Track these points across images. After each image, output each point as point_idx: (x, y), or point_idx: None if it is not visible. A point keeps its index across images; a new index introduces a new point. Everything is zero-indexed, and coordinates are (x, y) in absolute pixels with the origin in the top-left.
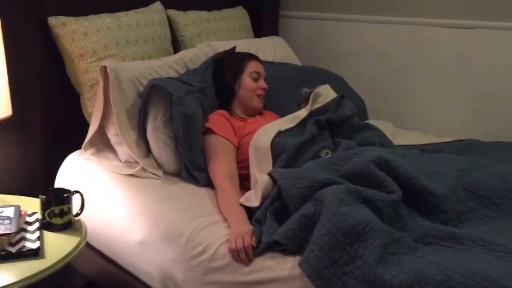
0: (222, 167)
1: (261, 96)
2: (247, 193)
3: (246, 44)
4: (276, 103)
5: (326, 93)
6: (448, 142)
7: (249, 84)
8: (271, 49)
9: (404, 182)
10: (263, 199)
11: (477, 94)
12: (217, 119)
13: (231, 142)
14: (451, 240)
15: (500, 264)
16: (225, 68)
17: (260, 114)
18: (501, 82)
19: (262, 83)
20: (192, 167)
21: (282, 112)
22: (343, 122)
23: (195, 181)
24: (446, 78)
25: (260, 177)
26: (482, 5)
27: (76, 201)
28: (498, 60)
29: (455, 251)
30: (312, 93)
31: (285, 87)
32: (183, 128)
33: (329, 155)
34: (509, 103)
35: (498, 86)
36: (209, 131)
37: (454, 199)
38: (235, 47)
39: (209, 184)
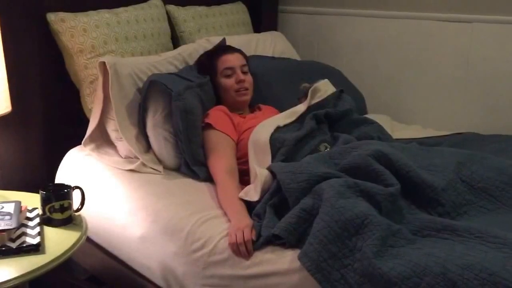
0: (221, 162)
1: (242, 89)
2: (247, 188)
3: (245, 39)
4: (275, 98)
5: (325, 88)
6: (447, 136)
7: (224, 84)
8: (270, 44)
9: (402, 175)
10: (263, 193)
11: (475, 88)
12: (217, 114)
13: (231, 138)
14: (449, 232)
15: (497, 256)
16: (202, 71)
17: (260, 109)
18: (498, 76)
19: (237, 76)
20: (192, 162)
21: (281, 107)
22: (342, 116)
23: (195, 176)
24: (444, 72)
25: (260, 172)
26: None
27: (76, 196)
28: (496, 54)
29: (453, 243)
30: (311, 88)
31: (284, 82)
32: (183, 123)
33: (327, 149)
34: (507, 97)
35: (496, 80)
36: (209, 126)
37: (452, 191)
38: (224, 39)
39: (208, 179)
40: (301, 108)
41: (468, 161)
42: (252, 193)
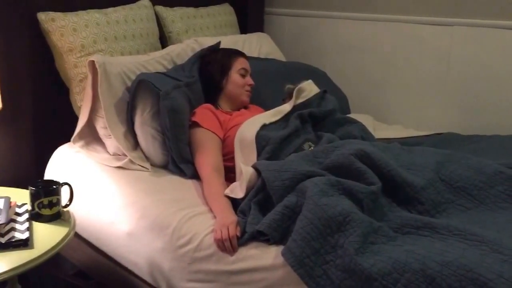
0: (208, 160)
1: (249, 91)
2: (232, 185)
3: (232, 40)
4: (261, 98)
5: (309, 88)
6: (427, 136)
7: (238, 80)
8: (256, 45)
9: (384, 174)
10: (248, 190)
11: (455, 90)
12: (203, 112)
13: (217, 135)
14: (428, 230)
15: (475, 253)
16: (213, 64)
17: (246, 108)
18: (478, 78)
19: (249, 79)
20: (179, 160)
21: (266, 106)
22: (326, 116)
23: (181, 173)
24: (426, 73)
25: (245, 169)
26: (460, 3)
27: (65, 192)
28: (476, 56)
29: (432, 241)
30: (296, 88)
31: (270, 82)
32: (170, 122)
33: (311, 148)
34: (485, 98)
35: (475, 82)
36: (195, 124)
37: (432, 190)
38: (219, 42)
39: (195, 176)
40: (286, 107)
41: (447, 160)
42: (238, 190)
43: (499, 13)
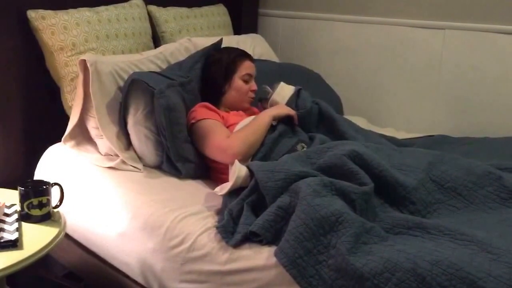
0: (221, 136)
1: (251, 98)
2: (224, 184)
3: (226, 41)
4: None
5: (281, 95)
6: (419, 138)
7: (241, 87)
8: (250, 46)
9: (376, 174)
10: (241, 191)
11: (446, 92)
12: (202, 110)
13: (221, 122)
14: (419, 230)
15: (464, 252)
16: (216, 65)
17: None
18: (469, 81)
19: (252, 85)
20: (176, 158)
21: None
22: (305, 116)
23: (176, 173)
24: (418, 76)
25: (239, 167)
26: (451, 6)
27: (55, 193)
28: (467, 59)
29: (423, 240)
30: (269, 101)
31: (263, 83)
32: (166, 120)
33: (304, 148)
34: (476, 101)
35: (466, 85)
36: (198, 121)
37: (423, 190)
38: (221, 39)
39: (190, 175)
40: None
41: (438, 161)
42: (227, 184)
43: (491, 17)
